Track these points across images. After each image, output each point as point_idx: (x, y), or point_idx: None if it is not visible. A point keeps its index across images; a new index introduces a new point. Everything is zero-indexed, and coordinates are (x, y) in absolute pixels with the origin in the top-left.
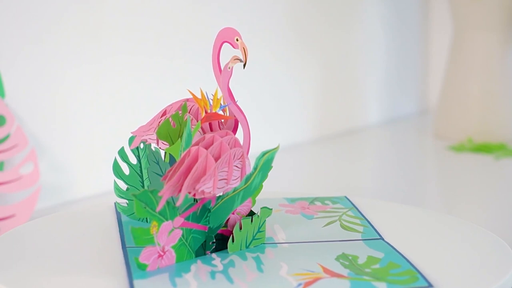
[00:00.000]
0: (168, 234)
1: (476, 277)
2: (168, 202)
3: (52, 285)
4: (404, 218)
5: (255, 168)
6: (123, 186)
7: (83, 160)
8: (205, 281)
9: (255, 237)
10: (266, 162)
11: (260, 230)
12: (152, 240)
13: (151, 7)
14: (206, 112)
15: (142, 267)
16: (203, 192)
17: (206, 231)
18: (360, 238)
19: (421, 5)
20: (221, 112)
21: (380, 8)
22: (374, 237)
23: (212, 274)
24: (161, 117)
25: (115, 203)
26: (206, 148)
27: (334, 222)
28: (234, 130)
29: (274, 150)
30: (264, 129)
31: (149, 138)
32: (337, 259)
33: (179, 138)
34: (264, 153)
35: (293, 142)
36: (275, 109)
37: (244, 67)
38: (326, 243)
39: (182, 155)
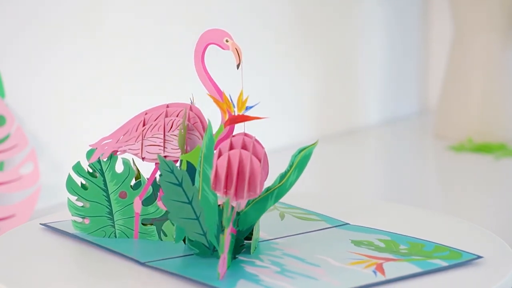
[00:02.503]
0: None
1: (476, 277)
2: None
3: (52, 285)
4: (403, 217)
5: (290, 166)
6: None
7: (83, 160)
8: (291, 281)
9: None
10: (303, 159)
11: (257, 229)
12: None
13: (151, 9)
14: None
15: (218, 276)
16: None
17: (236, 234)
18: (331, 225)
19: (421, 5)
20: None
21: (381, 8)
22: (342, 223)
23: (282, 273)
24: (143, 126)
25: (45, 225)
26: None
27: (283, 215)
28: (231, 130)
29: (312, 146)
30: (264, 128)
31: (129, 149)
32: (357, 245)
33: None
34: (301, 150)
35: (293, 142)
36: (275, 109)
37: (238, 68)
38: (312, 233)
39: (223, 159)
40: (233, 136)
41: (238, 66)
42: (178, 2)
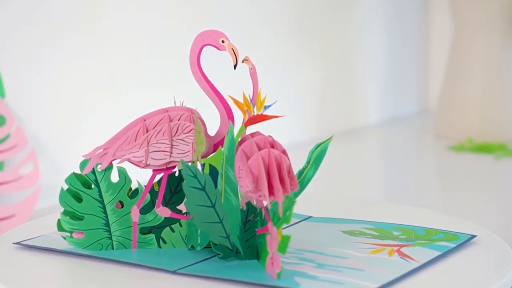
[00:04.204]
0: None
1: (476, 277)
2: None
3: (52, 285)
4: (404, 217)
5: (308, 162)
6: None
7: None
8: (343, 274)
9: None
10: (319, 154)
11: None
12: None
13: (151, 8)
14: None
15: (278, 276)
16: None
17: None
18: (299, 220)
19: (421, 6)
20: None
21: (381, 9)
22: (307, 217)
23: (323, 268)
24: (146, 132)
25: (20, 243)
26: (261, 149)
27: None
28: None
29: (327, 141)
30: (264, 128)
31: (132, 157)
32: (352, 235)
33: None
34: (317, 145)
35: (293, 142)
36: (276, 109)
37: (235, 68)
38: (293, 227)
39: (255, 160)
40: (251, 136)
41: (235, 66)
42: (178, 1)
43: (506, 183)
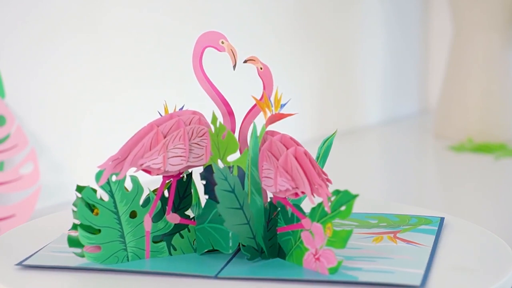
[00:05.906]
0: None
1: (476, 277)
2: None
3: (52, 285)
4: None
5: (317, 157)
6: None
7: (83, 160)
8: (377, 263)
9: None
10: (326, 149)
11: None
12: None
13: (151, 9)
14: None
15: (333, 271)
16: None
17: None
18: None
19: (421, 5)
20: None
21: (381, 8)
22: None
23: (353, 259)
24: (164, 138)
25: (22, 264)
26: (288, 147)
27: None
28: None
29: (332, 136)
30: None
31: (152, 164)
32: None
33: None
34: (324, 141)
35: None
36: None
37: (234, 69)
38: None
39: (287, 159)
40: (270, 135)
41: (234, 67)
42: (179, 2)
43: (506, 183)
